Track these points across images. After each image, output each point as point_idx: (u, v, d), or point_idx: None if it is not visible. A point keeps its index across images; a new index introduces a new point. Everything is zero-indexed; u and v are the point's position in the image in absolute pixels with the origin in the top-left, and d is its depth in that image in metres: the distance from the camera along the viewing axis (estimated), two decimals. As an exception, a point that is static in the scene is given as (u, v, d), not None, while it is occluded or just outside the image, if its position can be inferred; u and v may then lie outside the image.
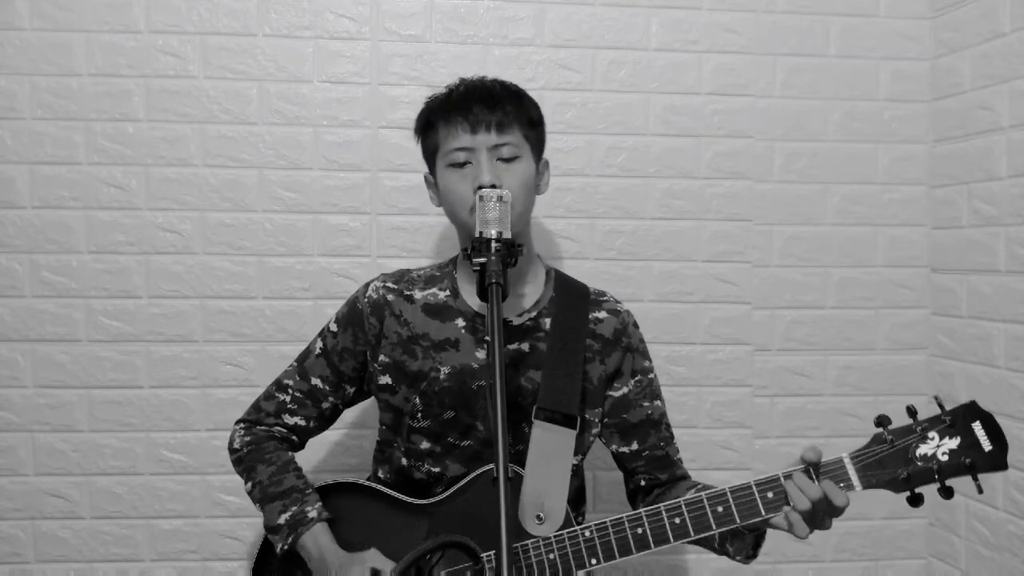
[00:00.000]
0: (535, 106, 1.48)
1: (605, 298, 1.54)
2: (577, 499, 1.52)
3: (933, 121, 2.07)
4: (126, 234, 1.92)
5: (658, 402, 1.52)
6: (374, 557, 1.33)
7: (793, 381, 2.07)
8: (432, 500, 1.40)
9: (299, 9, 1.95)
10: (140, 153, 1.92)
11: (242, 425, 1.54)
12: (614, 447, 1.52)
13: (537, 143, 1.47)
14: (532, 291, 1.50)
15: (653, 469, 1.51)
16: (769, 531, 1.31)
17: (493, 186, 1.34)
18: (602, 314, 1.51)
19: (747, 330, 2.06)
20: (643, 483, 1.52)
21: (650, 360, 1.54)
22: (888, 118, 2.08)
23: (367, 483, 1.47)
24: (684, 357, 2.05)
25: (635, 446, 1.50)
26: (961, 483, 1.20)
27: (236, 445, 1.51)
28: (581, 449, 1.47)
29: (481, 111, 1.39)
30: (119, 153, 1.92)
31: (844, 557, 2.08)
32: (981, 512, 1.91)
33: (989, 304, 1.89)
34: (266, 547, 1.47)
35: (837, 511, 1.22)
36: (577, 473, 1.50)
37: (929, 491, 1.20)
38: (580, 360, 1.44)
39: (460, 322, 1.46)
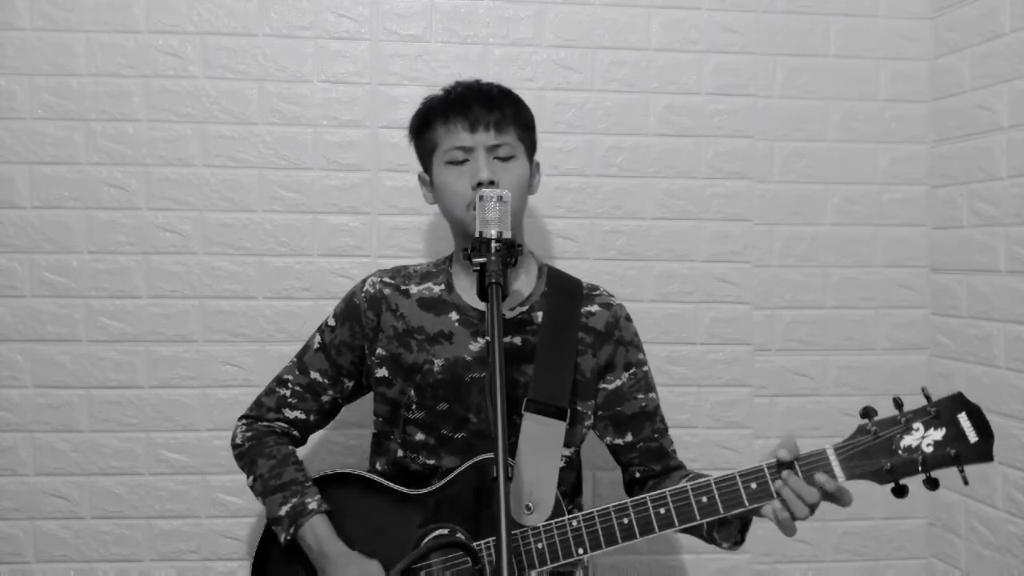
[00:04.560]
0: (529, 111, 1.53)
1: (598, 292, 1.57)
2: (573, 492, 1.54)
3: (933, 121, 2.07)
4: (126, 234, 1.92)
5: (652, 394, 1.54)
6: (374, 569, 1.34)
7: (793, 381, 2.07)
8: (426, 490, 1.42)
9: (299, 9, 1.95)
10: (140, 153, 1.92)
11: (244, 421, 1.56)
12: (608, 439, 1.54)
13: (531, 145, 1.52)
14: (524, 285, 1.53)
15: (647, 460, 1.52)
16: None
17: (492, 183, 1.39)
18: (594, 308, 1.53)
19: (747, 330, 2.06)
20: (638, 475, 1.53)
21: (643, 353, 1.56)
22: (888, 118, 2.08)
23: (363, 473, 1.48)
24: (684, 357, 2.05)
25: (629, 438, 1.52)
26: (948, 475, 1.20)
27: (238, 440, 1.54)
28: (574, 441, 1.49)
29: (480, 111, 1.43)
30: (119, 153, 1.92)
31: (844, 557, 2.08)
32: (981, 512, 1.91)
33: (989, 304, 1.89)
34: (265, 542, 1.48)
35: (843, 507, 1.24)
36: (572, 465, 1.52)
37: (914, 482, 1.20)
38: (572, 353, 1.46)
39: (454, 315, 1.49)
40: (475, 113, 1.43)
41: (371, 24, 1.97)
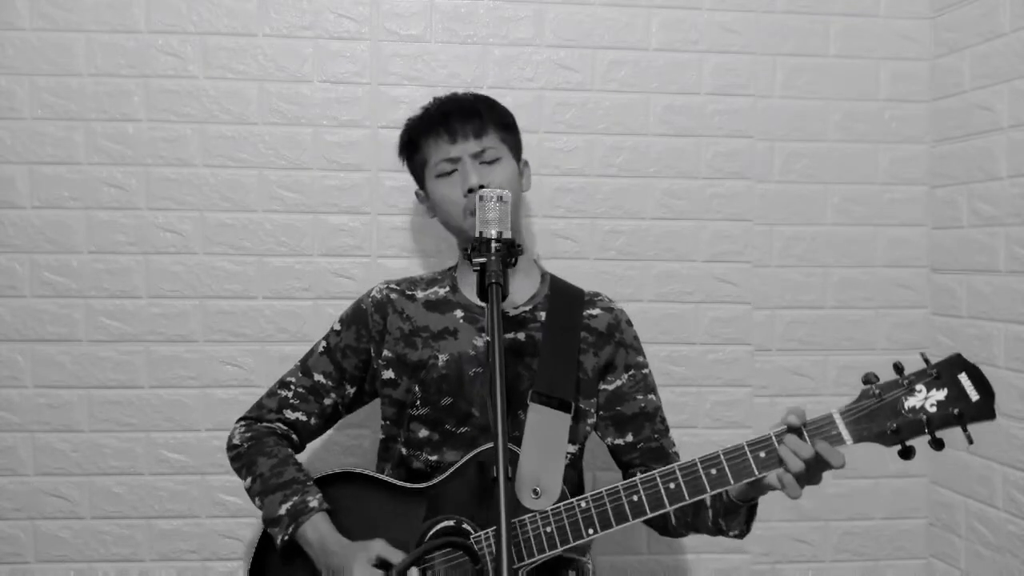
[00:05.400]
0: (508, 113, 1.58)
1: (599, 297, 1.61)
2: (575, 492, 1.53)
3: (933, 121, 2.07)
4: (126, 234, 1.92)
5: (652, 396, 1.56)
6: (381, 547, 1.34)
7: (793, 381, 2.07)
8: (429, 483, 1.43)
9: (299, 9, 1.95)
10: (140, 153, 1.92)
11: (243, 422, 1.56)
12: (609, 440, 1.55)
13: (515, 145, 1.57)
14: (527, 286, 1.57)
15: (648, 460, 1.53)
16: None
17: (482, 187, 1.42)
18: (596, 311, 1.57)
19: (747, 330, 2.06)
20: (639, 476, 1.53)
21: (644, 356, 1.59)
22: (888, 118, 2.08)
23: (364, 471, 1.49)
24: (684, 357, 2.05)
25: (630, 438, 1.53)
26: (952, 436, 1.20)
27: (236, 441, 1.53)
28: (577, 438, 1.50)
29: (458, 122, 1.50)
30: (119, 153, 1.92)
31: (844, 557, 2.08)
32: (981, 512, 1.91)
33: (989, 304, 1.89)
34: (263, 546, 1.48)
35: (833, 469, 1.23)
36: (575, 466, 1.52)
37: (920, 444, 1.21)
38: (575, 350, 1.49)
39: (459, 312, 1.52)
40: (454, 124, 1.49)
41: (371, 24, 1.96)
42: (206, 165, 1.94)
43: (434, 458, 1.47)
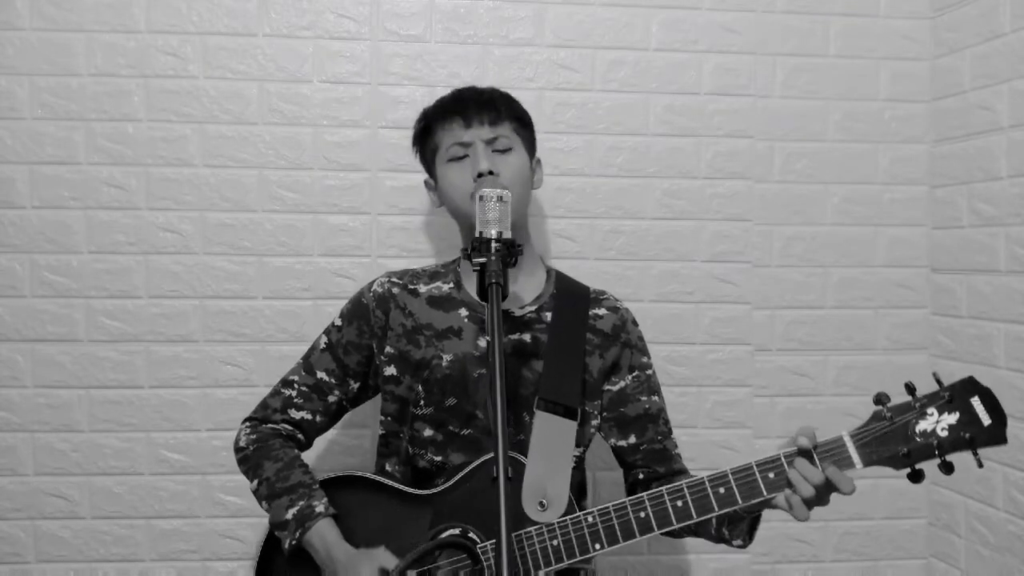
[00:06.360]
0: (525, 111, 1.57)
1: (605, 296, 1.59)
2: (579, 495, 1.53)
3: (933, 121, 2.07)
4: (126, 234, 1.92)
5: (656, 397, 1.55)
6: (383, 556, 1.34)
7: (793, 381, 2.07)
8: (435, 490, 1.41)
9: (299, 9, 1.95)
10: (140, 153, 1.92)
11: (248, 424, 1.55)
12: (612, 441, 1.54)
13: (528, 140, 1.55)
14: (533, 285, 1.55)
15: (651, 462, 1.53)
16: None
17: (491, 172, 1.41)
18: (602, 311, 1.55)
19: (747, 330, 2.06)
20: (641, 476, 1.54)
21: (648, 357, 1.57)
22: (888, 118, 2.08)
23: (369, 475, 1.48)
24: (684, 357, 2.05)
25: (633, 439, 1.52)
26: (962, 459, 1.20)
27: (242, 443, 1.52)
28: (582, 441, 1.50)
29: (474, 108, 1.48)
30: (119, 153, 1.92)
31: (844, 557, 2.08)
32: (981, 512, 1.91)
33: (989, 304, 1.89)
34: (268, 548, 1.47)
35: (843, 495, 1.23)
36: (579, 467, 1.52)
37: (930, 467, 1.20)
38: (581, 353, 1.47)
39: (463, 312, 1.51)
40: (470, 110, 1.48)
41: (371, 24, 1.97)
42: (206, 165, 1.94)
43: (439, 458, 1.46)
